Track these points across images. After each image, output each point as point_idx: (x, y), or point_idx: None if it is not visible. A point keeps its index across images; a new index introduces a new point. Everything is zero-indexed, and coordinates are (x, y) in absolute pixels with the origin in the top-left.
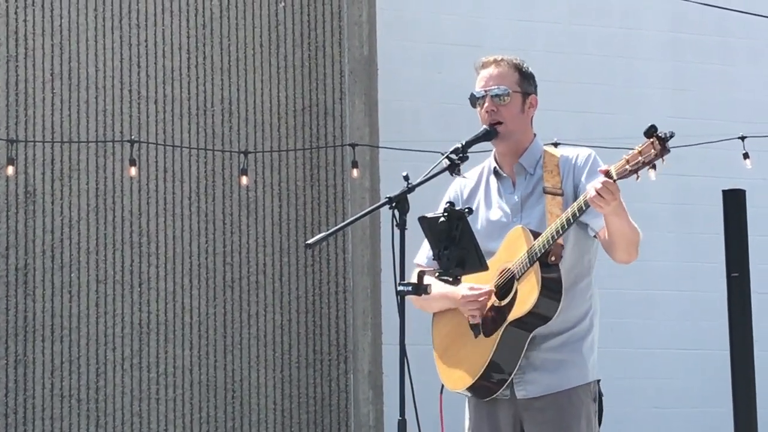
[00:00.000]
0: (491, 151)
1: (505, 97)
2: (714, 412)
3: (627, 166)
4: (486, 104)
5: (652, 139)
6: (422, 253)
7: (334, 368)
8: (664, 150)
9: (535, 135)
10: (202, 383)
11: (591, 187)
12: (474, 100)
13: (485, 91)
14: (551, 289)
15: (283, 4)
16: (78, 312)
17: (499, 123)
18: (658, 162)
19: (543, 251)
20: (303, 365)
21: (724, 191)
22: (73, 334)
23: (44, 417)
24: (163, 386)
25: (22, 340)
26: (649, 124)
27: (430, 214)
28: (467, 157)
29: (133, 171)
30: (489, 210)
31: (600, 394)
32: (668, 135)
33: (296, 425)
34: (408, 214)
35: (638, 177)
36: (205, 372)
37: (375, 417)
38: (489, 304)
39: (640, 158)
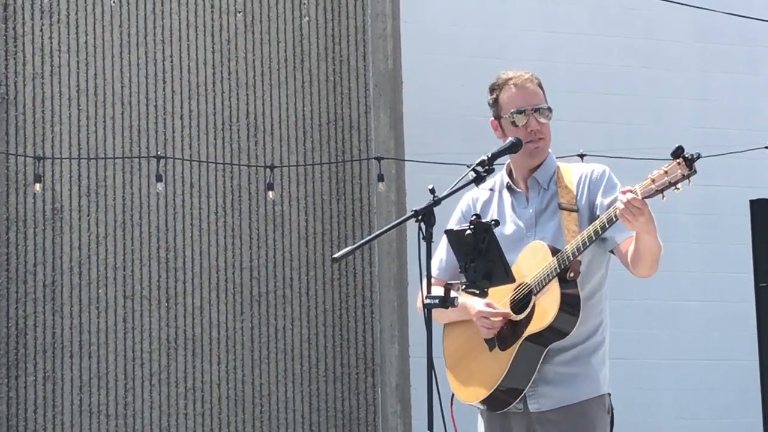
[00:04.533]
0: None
1: (550, 114)
2: (743, 422)
3: (653, 186)
4: (534, 121)
5: (678, 160)
6: (434, 264)
7: (361, 382)
8: (690, 171)
9: (549, 151)
10: (230, 398)
11: (620, 202)
12: (520, 115)
13: (533, 108)
14: (570, 305)
15: (307, 18)
16: (106, 328)
17: (541, 139)
18: (684, 183)
19: (565, 267)
20: (330, 379)
21: (751, 201)
22: (101, 350)
23: None
24: (192, 401)
25: (51, 356)
26: (676, 145)
27: (456, 227)
28: (493, 170)
29: (160, 186)
30: (503, 224)
31: (611, 407)
32: (695, 156)
33: None
34: (434, 227)
35: (664, 197)
36: (233, 386)
37: (403, 430)
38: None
39: (666, 178)
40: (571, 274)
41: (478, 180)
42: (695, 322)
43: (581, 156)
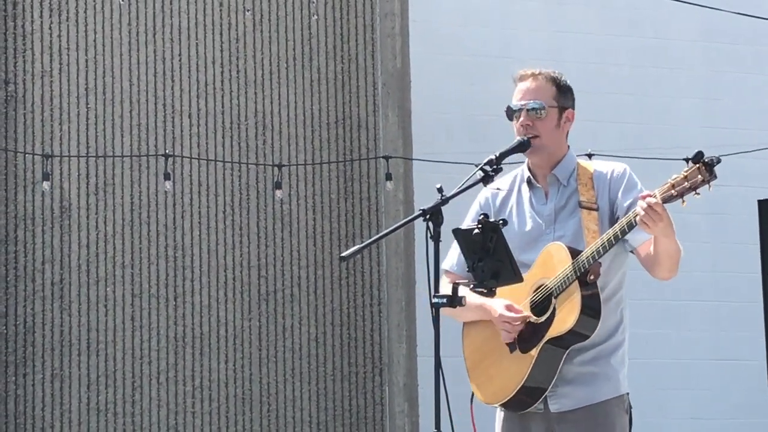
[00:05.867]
0: (524, 162)
1: (541, 112)
2: (753, 423)
3: (672, 191)
4: (522, 118)
5: (698, 165)
6: (449, 259)
7: (369, 381)
8: (711, 176)
9: (569, 147)
10: (238, 396)
11: (640, 208)
12: (510, 113)
13: (521, 104)
14: (591, 308)
15: (316, 16)
16: (114, 326)
17: (535, 137)
18: (703, 188)
19: (585, 269)
20: (338, 378)
21: (759, 201)
22: (109, 348)
23: (81, 431)
24: (199, 399)
25: (59, 355)
26: (696, 150)
27: (464, 226)
28: (501, 169)
29: (168, 185)
30: (522, 220)
31: (630, 407)
32: (715, 161)
33: None
34: (442, 226)
35: (684, 202)
36: (240, 385)
37: (410, 429)
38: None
39: (686, 183)
40: (591, 277)
41: (486, 179)
42: (704, 322)
43: (589, 156)
